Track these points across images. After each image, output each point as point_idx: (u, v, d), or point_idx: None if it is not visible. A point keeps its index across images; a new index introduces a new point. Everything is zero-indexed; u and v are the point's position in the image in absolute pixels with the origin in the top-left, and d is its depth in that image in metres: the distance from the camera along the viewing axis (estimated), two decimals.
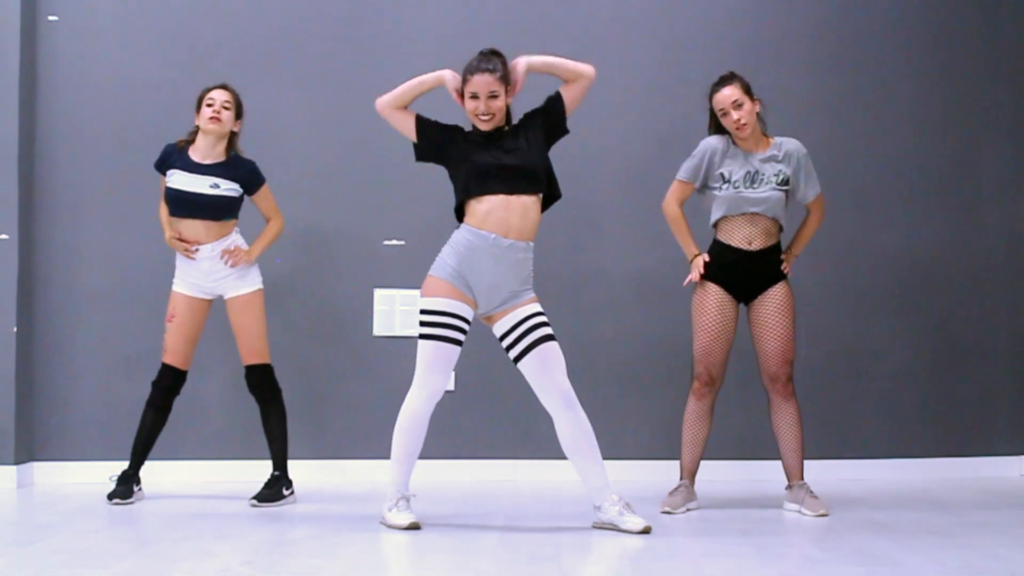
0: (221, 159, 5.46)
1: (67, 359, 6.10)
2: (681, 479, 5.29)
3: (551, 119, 4.82)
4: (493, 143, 4.75)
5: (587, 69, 4.83)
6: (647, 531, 4.62)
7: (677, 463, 5.34)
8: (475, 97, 4.70)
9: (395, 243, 6.25)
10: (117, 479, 5.42)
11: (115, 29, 6.21)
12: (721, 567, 4.07)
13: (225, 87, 5.48)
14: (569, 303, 6.20)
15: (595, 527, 4.74)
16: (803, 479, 5.24)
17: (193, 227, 5.42)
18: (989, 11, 6.58)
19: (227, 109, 5.43)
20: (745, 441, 6.18)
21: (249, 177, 5.48)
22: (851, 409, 6.38)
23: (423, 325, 4.69)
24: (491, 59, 4.74)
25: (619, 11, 6.40)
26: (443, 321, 4.66)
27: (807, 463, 5.31)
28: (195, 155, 5.45)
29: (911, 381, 6.44)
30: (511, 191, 4.66)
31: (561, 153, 4.92)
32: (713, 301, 5.22)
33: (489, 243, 4.64)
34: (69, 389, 6.10)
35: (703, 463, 5.37)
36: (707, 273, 5.23)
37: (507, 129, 4.81)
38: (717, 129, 5.25)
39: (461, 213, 4.76)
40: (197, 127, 5.46)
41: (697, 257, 5.27)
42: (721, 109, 5.15)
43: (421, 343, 4.70)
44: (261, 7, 6.30)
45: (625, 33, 6.38)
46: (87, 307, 6.12)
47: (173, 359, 5.47)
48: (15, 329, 5.90)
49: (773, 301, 5.23)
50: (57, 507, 5.31)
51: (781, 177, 5.17)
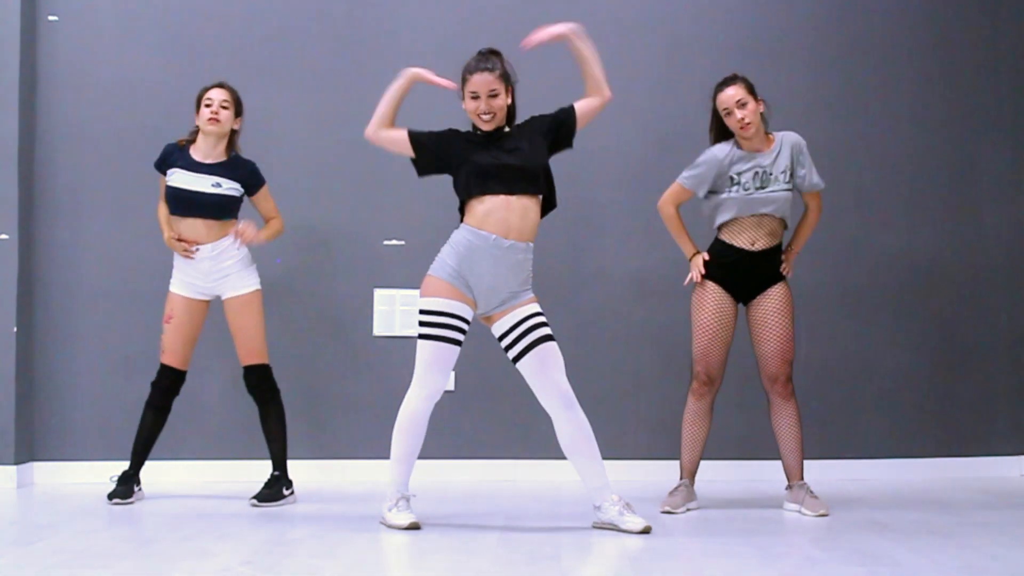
0: (222, 159, 5.46)
1: (67, 359, 6.10)
2: (681, 479, 5.29)
3: (559, 131, 4.79)
4: (494, 143, 4.73)
5: (607, 90, 4.82)
6: (647, 531, 4.62)
7: (677, 463, 5.35)
8: (476, 97, 4.69)
9: (395, 243, 6.25)
10: (117, 479, 5.43)
11: (115, 29, 6.22)
12: (721, 567, 4.07)
13: (223, 85, 5.48)
14: (569, 303, 6.20)
15: (595, 527, 4.74)
16: (803, 479, 5.24)
17: (194, 226, 5.42)
18: (989, 11, 6.58)
19: (225, 108, 5.43)
20: (745, 441, 6.18)
21: (250, 178, 5.49)
22: (851, 409, 6.38)
23: (422, 325, 4.68)
24: (489, 58, 4.73)
25: (619, 11, 6.39)
26: (442, 321, 4.66)
27: (807, 463, 5.31)
28: (196, 154, 5.45)
29: (911, 381, 6.44)
30: (511, 191, 4.64)
31: (561, 153, 4.91)
32: (711, 300, 5.22)
33: (489, 244, 4.63)
34: (69, 389, 6.10)
35: (703, 463, 5.37)
36: (707, 272, 5.23)
37: (508, 130, 4.79)
38: (719, 130, 5.24)
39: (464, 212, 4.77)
40: (198, 127, 5.46)
41: (696, 256, 5.27)
42: (725, 108, 5.14)
43: (420, 343, 4.70)
44: (261, 7, 6.30)
45: (625, 33, 6.38)
46: (87, 307, 6.12)
47: (171, 359, 5.47)
48: (15, 329, 5.90)
49: (772, 301, 5.22)
50: (57, 507, 5.31)
51: (788, 173, 5.16)
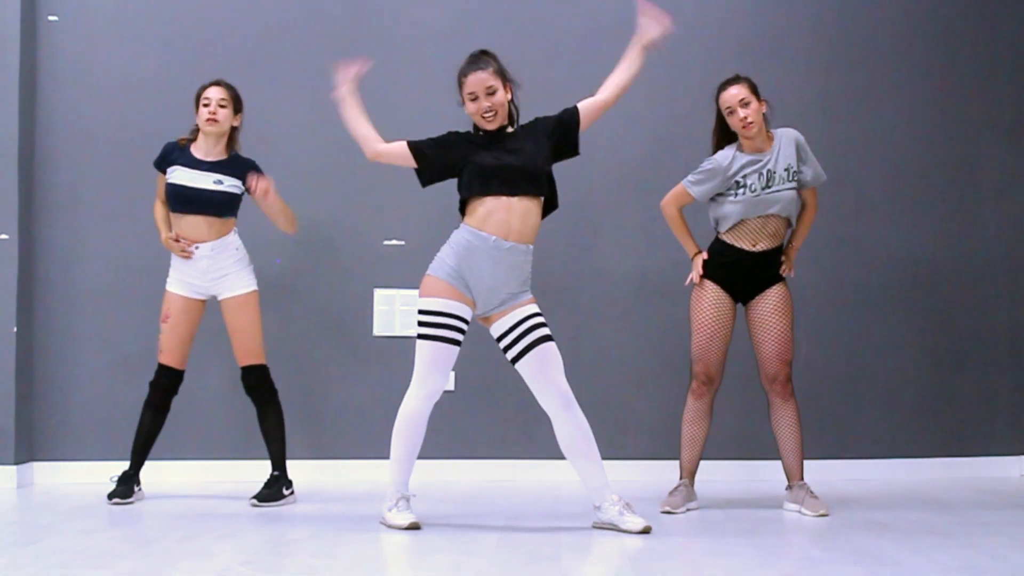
0: (223, 157, 5.46)
1: (66, 359, 6.10)
2: (681, 479, 5.29)
3: (563, 135, 4.77)
4: (496, 143, 4.71)
5: (615, 99, 4.87)
6: (647, 531, 4.62)
7: (677, 463, 5.34)
8: (475, 98, 4.68)
9: (395, 243, 6.25)
10: (117, 479, 5.42)
11: (115, 29, 6.21)
12: (721, 567, 4.07)
13: (220, 83, 5.46)
14: (569, 303, 6.20)
15: (595, 527, 4.73)
16: (803, 479, 5.24)
17: (195, 223, 5.41)
18: (989, 11, 6.57)
19: (223, 107, 5.42)
20: (745, 441, 6.18)
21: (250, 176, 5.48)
22: (851, 409, 6.38)
23: (422, 325, 4.68)
24: (481, 58, 4.72)
25: (619, 11, 6.36)
26: (442, 321, 4.65)
27: (807, 463, 5.31)
28: (197, 152, 5.45)
29: (911, 381, 6.44)
30: (513, 192, 4.63)
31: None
32: (710, 300, 5.22)
33: (489, 245, 4.62)
34: (68, 389, 6.10)
35: (703, 463, 5.37)
36: (706, 271, 5.23)
37: (511, 130, 4.77)
38: (722, 130, 5.23)
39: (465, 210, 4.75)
40: (198, 126, 5.46)
41: (697, 256, 5.27)
42: (728, 107, 5.14)
43: (420, 343, 4.69)
44: (261, 7, 6.30)
45: (625, 33, 6.34)
46: (87, 307, 6.12)
47: (169, 359, 5.46)
48: (15, 329, 5.90)
49: (771, 302, 5.22)
50: (57, 507, 5.30)
51: (792, 170, 5.16)
